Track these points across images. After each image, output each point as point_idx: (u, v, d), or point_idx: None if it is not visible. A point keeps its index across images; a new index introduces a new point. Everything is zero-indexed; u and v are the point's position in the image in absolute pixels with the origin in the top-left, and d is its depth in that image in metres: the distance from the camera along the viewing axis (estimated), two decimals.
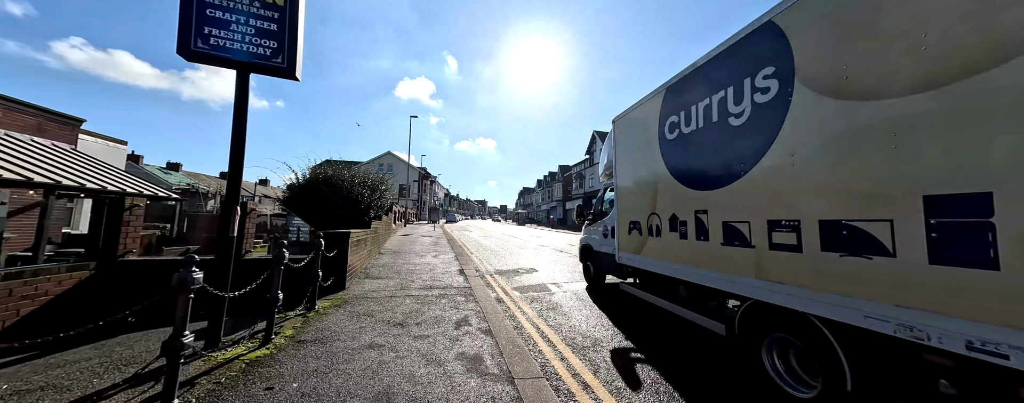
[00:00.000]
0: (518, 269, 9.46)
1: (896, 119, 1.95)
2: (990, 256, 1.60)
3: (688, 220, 3.76)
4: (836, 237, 2.26)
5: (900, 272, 1.93)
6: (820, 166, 2.37)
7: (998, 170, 1.58)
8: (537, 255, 12.71)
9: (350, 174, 11.30)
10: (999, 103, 1.58)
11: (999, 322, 1.58)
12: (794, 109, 2.58)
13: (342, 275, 6.08)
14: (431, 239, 17.61)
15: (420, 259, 10.39)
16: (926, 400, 2.02)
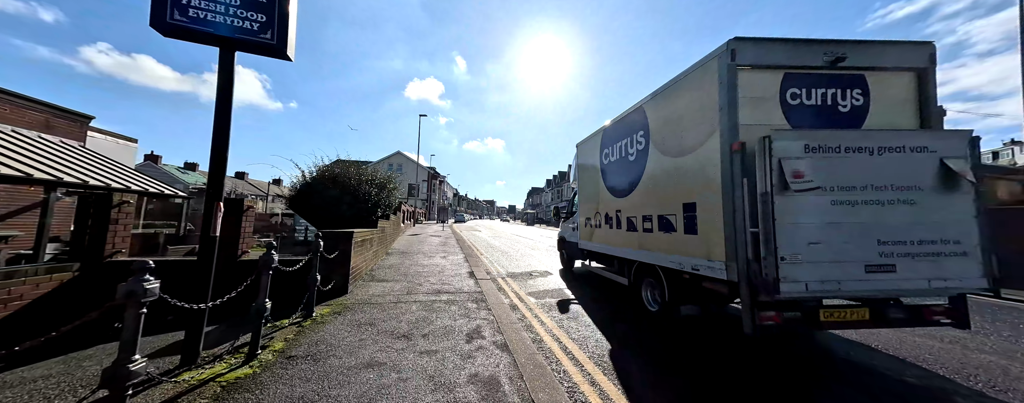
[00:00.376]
0: (531, 272, 8.92)
1: (676, 168, 4.31)
2: (695, 229, 3.94)
3: (613, 217, 6.09)
4: (662, 223, 4.63)
5: (678, 239, 4.26)
6: (657, 187, 4.78)
7: (696, 192, 3.92)
8: (550, 257, 12.14)
9: (357, 172, 10.93)
10: (693, 166, 3.99)
11: (699, 255, 3.86)
12: (650, 156, 4.96)
13: (344, 278, 5.63)
14: (440, 239, 17.18)
15: (428, 260, 9.93)
16: (692, 299, 4.28)
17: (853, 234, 3.12)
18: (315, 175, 10.65)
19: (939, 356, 3.80)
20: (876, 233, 3.12)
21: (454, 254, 11.44)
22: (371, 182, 11.04)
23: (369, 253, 7.90)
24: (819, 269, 3.04)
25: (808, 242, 3.05)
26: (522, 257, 11.96)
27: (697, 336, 4.24)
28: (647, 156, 4.97)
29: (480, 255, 12.03)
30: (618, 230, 5.81)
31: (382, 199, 11.42)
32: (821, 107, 3.63)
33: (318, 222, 10.11)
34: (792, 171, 3.04)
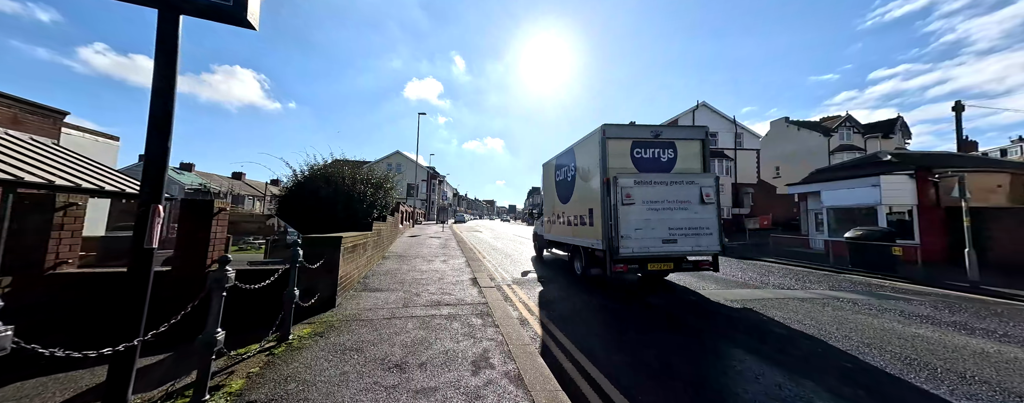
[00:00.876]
0: (537, 279, 8.22)
1: (586, 188, 7.90)
2: (593, 224, 7.33)
3: (561, 217, 9.37)
4: (581, 221, 8.03)
5: (587, 229, 7.66)
6: (579, 199, 8.21)
7: (592, 203, 7.42)
8: (555, 259, 11.45)
9: (352, 171, 10.25)
10: (591, 188, 7.53)
11: (595, 237, 7.16)
12: (576, 180, 8.44)
13: (331, 290, 4.93)
14: (440, 240, 16.49)
15: (427, 265, 9.23)
16: (595, 265, 7.31)
17: (657, 224, 6.40)
18: (307, 174, 9.97)
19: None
20: (668, 224, 6.42)
21: (455, 257, 10.75)
22: (367, 181, 10.35)
23: (362, 259, 7.21)
24: (640, 242, 6.32)
25: (634, 228, 6.33)
26: (526, 260, 11.25)
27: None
28: (575, 180, 8.54)
29: (482, 258, 11.33)
30: (563, 225, 9.37)
31: (378, 199, 10.73)
32: (651, 159, 7.08)
33: (310, 225, 9.44)
34: (625, 194, 6.36)
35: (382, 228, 10.49)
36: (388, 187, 11.78)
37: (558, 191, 9.64)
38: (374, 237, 8.83)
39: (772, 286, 7.63)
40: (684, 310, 5.55)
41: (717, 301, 6.14)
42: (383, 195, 11.14)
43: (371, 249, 8.41)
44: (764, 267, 10.80)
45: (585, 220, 7.67)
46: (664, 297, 6.42)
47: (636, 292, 6.85)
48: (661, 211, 6.42)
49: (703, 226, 6.47)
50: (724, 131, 32.52)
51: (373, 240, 8.73)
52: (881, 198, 13.23)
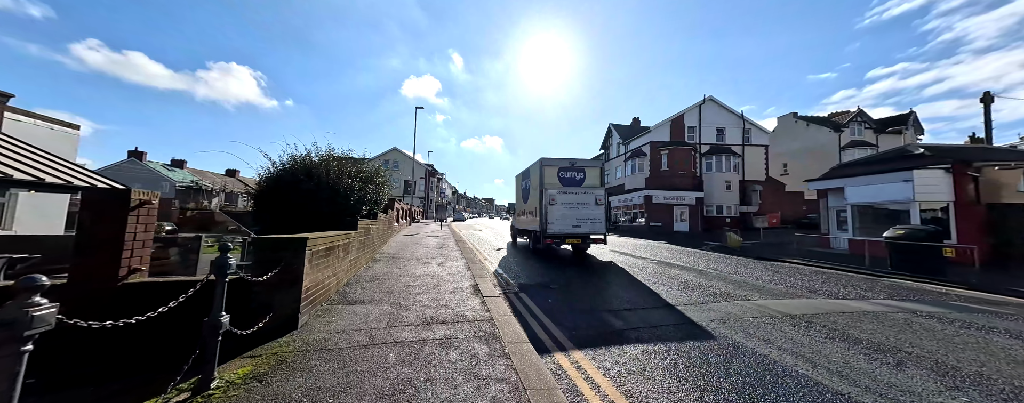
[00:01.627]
0: (549, 283, 7.14)
1: (535, 194, 12.01)
2: (537, 216, 11.55)
3: (524, 213, 14.16)
4: (533, 214, 12.24)
5: (537, 219, 11.55)
6: (532, 201, 12.57)
7: (537, 203, 11.50)
8: (566, 259, 10.37)
9: (338, 163, 9.15)
10: (536, 195, 11.79)
11: (539, 224, 11.30)
12: (530, 189, 13.01)
13: (293, 306, 3.83)
14: (437, 240, 15.40)
15: (422, 268, 8.14)
16: (540, 242, 11.12)
17: (569, 217, 10.96)
18: (286, 166, 8.86)
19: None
20: (576, 217, 11.00)
21: (453, 259, 9.66)
22: (355, 175, 9.26)
23: (342, 263, 6.11)
24: (558, 227, 10.82)
25: (556, 218, 10.86)
26: (535, 263, 10.16)
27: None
28: (530, 188, 12.61)
29: (483, 260, 10.25)
30: (524, 218, 13.98)
31: (368, 195, 9.62)
32: (569, 178, 11.25)
33: (289, 223, 8.32)
34: (551, 198, 10.94)
35: (372, 227, 9.40)
36: (380, 182, 10.67)
37: (521, 196, 14.70)
38: (360, 237, 7.73)
39: (823, 294, 6.58)
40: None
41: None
42: (374, 190, 10.03)
43: (356, 251, 7.32)
44: (793, 270, 9.76)
45: (535, 214, 12.02)
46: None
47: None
48: (572, 209, 11.14)
49: (597, 218, 11.30)
50: (731, 126, 31.50)
51: (359, 240, 7.64)
52: (914, 194, 12.20)
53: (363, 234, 8.03)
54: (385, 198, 11.67)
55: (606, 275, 8.29)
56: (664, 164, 30.92)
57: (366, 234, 8.45)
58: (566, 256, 11.65)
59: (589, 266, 9.60)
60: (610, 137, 41.98)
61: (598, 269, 9.11)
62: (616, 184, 38.28)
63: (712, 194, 30.20)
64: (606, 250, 13.53)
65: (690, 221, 29.50)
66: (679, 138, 31.47)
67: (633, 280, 7.68)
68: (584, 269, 9.06)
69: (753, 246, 15.91)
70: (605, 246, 13.86)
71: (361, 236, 7.74)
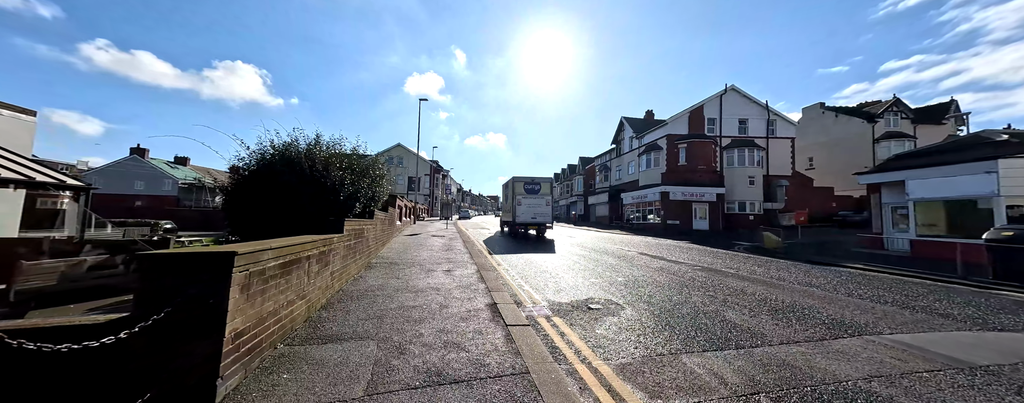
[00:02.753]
0: (589, 302, 5.58)
1: (511, 198, 18.67)
2: (510, 212, 18.46)
3: (507, 211, 19.96)
4: (508, 211, 19.56)
5: (511, 214, 18.35)
6: (508, 202, 19.95)
7: (511, 207, 18.50)
8: (596, 266, 8.80)
9: (325, 154, 7.70)
10: (510, 201, 19.04)
11: (511, 217, 18.61)
12: (510, 196, 19.45)
13: (204, 369, 2.32)
14: (443, 240, 13.92)
15: (425, 279, 6.63)
16: (512, 229, 18.75)
17: (529, 213, 17.60)
18: (265, 157, 7.42)
19: None
20: (533, 212, 17.61)
21: (462, 265, 8.16)
22: (346, 168, 7.79)
23: (320, 278, 4.61)
24: (521, 219, 17.44)
25: (520, 214, 17.44)
26: (563, 270, 8.60)
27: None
28: (510, 195, 18.88)
29: (498, 266, 8.72)
30: (506, 213, 20.42)
31: (362, 190, 8.14)
32: (531, 190, 17.93)
33: (264, 225, 6.87)
34: (518, 201, 17.59)
35: (367, 227, 7.91)
36: (378, 175, 9.19)
37: (504, 199, 21.58)
38: (348, 241, 6.24)
39: (965, 320, 4.94)
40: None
41: None
42: (370, 185, 8.56)
43: (342, 259, 5.82)
44: (871, 280, 8.10)
45: (510, 211, 18.30)
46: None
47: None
48: (531, 207, 17.40)
49: (546, 214, 17.60)
50: (755, 118, 29.57)
51: (347, 245, 6.15)
52: (998, 187, 10.43)
53: (353, 237, 6.54)
54: (384, 194, 10.21)
55: (669, 289, 6.72)
56: (682, 158, 29.12)
57: (358, 237, 6.96)
58: (589, 266, 10.15)
59: (646, 278, 8.05)
60: (622, 131, 40.17)
61: (654, 278, 7.55)
62: (628, 180, 36.51)
63: (734, 190, 28.37)
64: (633, 250, 11.94)
65: (710, 219, 27.72)
66: (698, 130, 29.62)
67: (702, 299, 6.10)
68: (647, 282, 7.52)
69: (793, 247, 14.22)
70: (636, 248, 13.26)
71: (350, 240, 6.25)
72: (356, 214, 8.24)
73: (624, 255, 11.17)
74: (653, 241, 17.27)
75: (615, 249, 12.98)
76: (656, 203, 29.74)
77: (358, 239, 6.98)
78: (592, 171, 49.59)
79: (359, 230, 7.32)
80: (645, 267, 8.93)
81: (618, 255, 11.18)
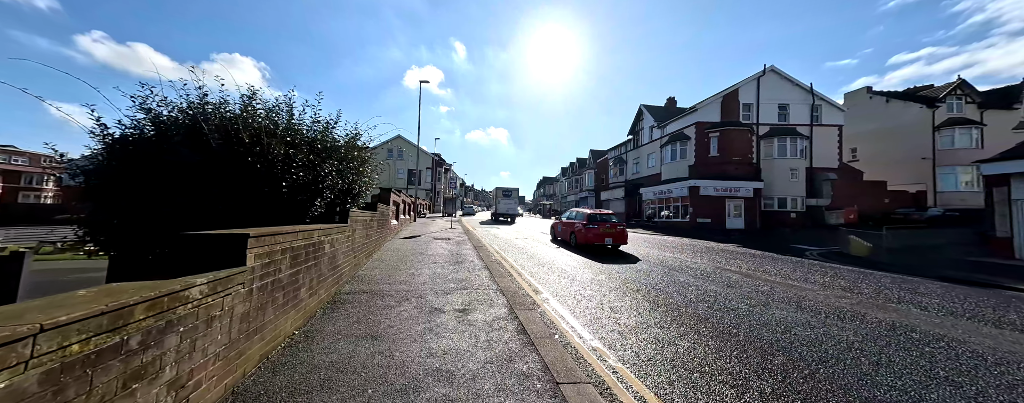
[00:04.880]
0: None
1: (499, 199, 37.42)
2: (495, 207, 40.89)
3: (495, 206, 43.62)
4: (494, 206, 47.23)
5: (495, 209, 42.54)
6: (497, 201, 40.62)
7: (495, 202, 50.78)
8: (685, 291, 5.83)
9: (274, 123, 4.75)
10: (498, 200, 39.43)
11: (493, 210, 43.86)
12: (497, 198, 45.28)
13: None
14: (449, 247, 11.03)
15: (426, 339, 3.67)
16: (496, 216, 34.77)
17: (504, 207, 33.27)
18: (165, 119, 4.47)
19: None
20: (506, 207, 33.06)
21: (477, 286, 5.22)
22: (308, 146, 4.88)
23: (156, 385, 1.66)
24: (499, 210, 34.58)
25: (499, 208, 35.32)
26: (638, 300, 5.62)
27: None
28: (496, 198, 44.11)
29: (536, 293, 5.77)
30: (493, 208, 55.18)
31: (326, 178, 5.22)
32: (508, 194, 35.31)
33: (152, 230, 3.96)
34: (499, 201, 37.18)
35: (328, 239, 4.96)
36: (354, 157, 6.26)
37: (493, 199, 52.20)
38: (273, 273, 3.30)
39: None
40: None
41: None
42: (338, 173, 5.63)
43: (252, 316, 2.90)
44: None
45: (494, 206, 40.34)
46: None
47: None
48: (506, 205, 33.30)
49: (516, 209, 33.83)
50: (797, 103, 26.36)
51: (270, 282, 3.22)
52: None
53: (288, 262, 3.58)
54: (370, 187, 7.30)
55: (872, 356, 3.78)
56: (714, 149, 26.01)
57: (309, 257, 4.00)
58: None
59: (795, 322, 5.10)
60: (640, 120, 37.00)
61: (822, 330, 4.61)
62: (648, 173, 33.47)
63: (773, 184, 25.31)
64: (687, 257, 8.96)
65: (746, 217, 24.70)
66: (732, 117, 26.47)
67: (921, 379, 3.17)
68: (816, 340, 4.58)
69: (886, 253, 11.23)
70: (685, 253, 10.80)
71: (276, 269, 3.28)
72: (317, 216, 5.30)
73: (689, 267, 8.24)
74: (688, 243, 14.33)
75: (673, 260, 10.00)
76: (683, 199, 26.73)
77: (310, 260, 4.04)
78: (605, 165, 46.46)
79: (330, 239, 4.38)
80: (752, 290, 5.96)
81: (684, 269, 8.23)
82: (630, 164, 38.66)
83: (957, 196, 24.07)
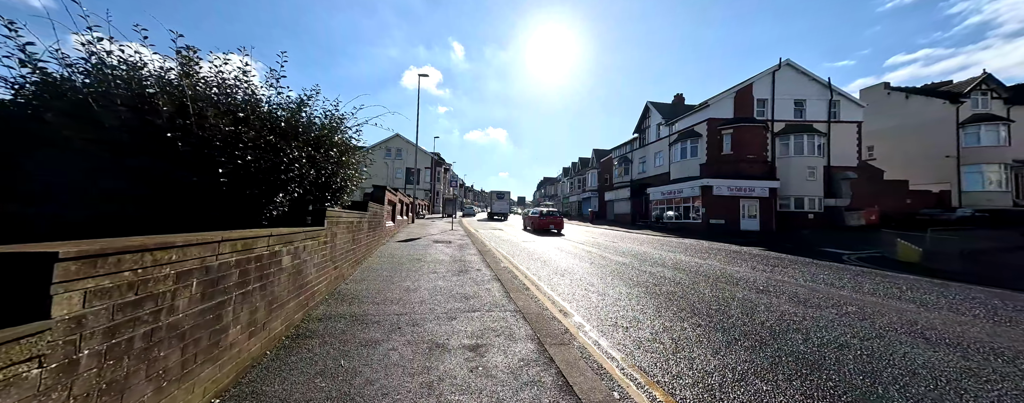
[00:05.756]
0: None
1: (495, 200, 47.08)
2: (491, 207, 53.42)
3: (491, 206, 49.51)
4: (490, 206, 57.27)
5: (491, 209, 46.00)
6: (494, 202, 47.66)
7: (491, 204, 60.97)
8: (788, 324, 4.53)
9: (226, 95, 3.37)
10: (493, 201, 55.05)
11: (488, 210, 53.33)
12: (491, 199, 66.52)
13: None
14: (450, 249, 9.74)
15: (420, 374, 2.40)
16: (491, 215, 40.86)
17: (498, 207, 40.34)
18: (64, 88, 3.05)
19: None
20: (500, 208, 40.28)
21: (494, 308, 3.93)
22: (265, 120, 3.55)
23: None
24: (494, 209, 41.16)
25: (494, 208, 41.63)
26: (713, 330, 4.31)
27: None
28: (492, 199, 57.04)
29: (565, 315, 4.50)
30: (489, 208, 50.10)
31: (292, 164, 3.90)
32: (501, 197, 44.95)
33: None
34: (493, 202, 47.90)
35: (302, 245, 3.67)
36: (334, 139, 4.98)
37: (490, 201, 61.37)
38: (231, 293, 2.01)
39: None
40: None
41: None
42: (308, 162, 4.34)
43: (155, 369, 1.61)
44: None
45: (491, 206, 42.27)
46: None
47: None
48: (499, 205, 40.42)
49: (508, 208, 41.02)
50: (814, 98, 25.17)
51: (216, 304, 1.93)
52: None
53: (144, 311, 2.28)
54: (358, 181, 6.05)
55: None
56: (727, 146, 24.81)
57: (241, 279, 2.70)
58: None
59: None
60: (647, 118, 35.80)
61: None
62: (656, 173, 32.23)
63: (789, 184, 24.10)
64: (725, 265, 7.69)
65: (761, 217, 23.47)
66: (746, 114, 25.26)
67: None
68: None
69: (935, 258, 9.99)
70: (720, 260, 8.89)
71: (125, 325, 1.98)
72: (277, 216, 4.01)
73: (736, 277, 6.97)
74: (706, 246, 13.08)
75: (709, 268, 8.74)
76: (694, 199, 25.51)
77: (252, 282, 2.74)
78: (609, 164, 45.21)
79: (241, 264, 3.06)
80: (837, 313, 4.69)
81: (733, 279, 6.95)
82: (636, 163, 37.43)
83: (983, 196, 22.91)
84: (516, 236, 16.88)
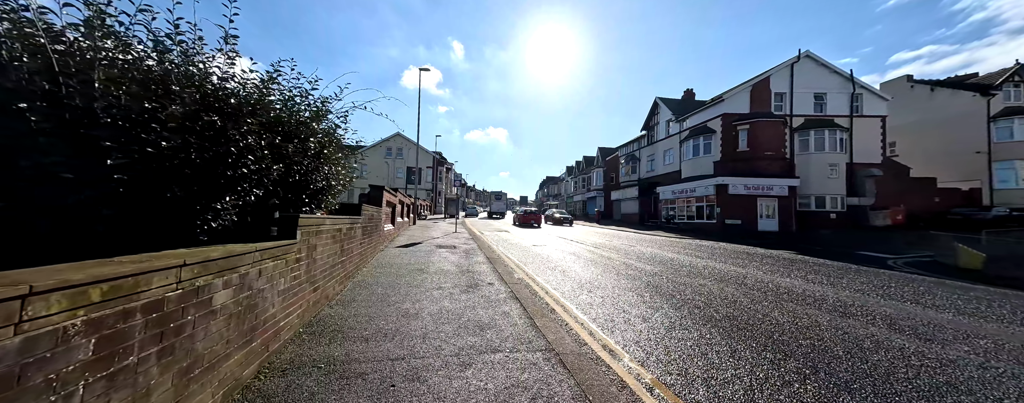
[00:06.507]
0: None
1: (493, 202, 55.14)
2: (491, 207, 51.27)
3: (490, 205, 58.49)
4: (489, 205, 67.77)
5: (490, 208, 52.47)
6: (492, 203, 58.16)
7: (490, 204, 68.48)
8: None
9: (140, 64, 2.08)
10: (491, 202, 64.27)
11: (488, 210, 65.79)
12: (491, 200, 75.36)
13: None
14: (455, 256, 8.64)
15: None
16: (491, 215, 46.69)
17: (495, 207, 45.89)
18: None
19: None
20: (497, 208, 45.82)
21: (519, 344, 2.82)
22: (204, 93, 2.31)
23: None
24: (492, 209, 47.32)
25: (491, 208, 47.63)
26: None
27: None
28: (491, 200, 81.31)
29: (615, 358, 3.39)
30: (489, 208, 56.67)
31: (244, 154, 2.73)
32: (498, 198, 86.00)
33: None
34: (492, 202, 55.11)
35: (258, 269, 2.56)
36: (315, 129, 3.86)
37: (490, 202, 70.90)
38: None
39: None
40: None
41: None
42: (270, 151, 3.22)
43: None
44: None
45: (490, 206, 47.95)
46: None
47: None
48: (496, 205, 45.65)
49: (504, 209, 46.41)
50: (835, 91, 23.96)
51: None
52: None
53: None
54: (346, 179, 4.96)
55: None
56: (743, 143, 23.66)
57: (126, 346, 1.60)
58: None
59: None
60: (656, 115, 34.63)
61: None
62: (666, 171, 31.08)
63: (809, 182, 22.92)
64: (771, 276, 6.56)
65: (780, 217, 22.30)
66: (763, 108, 24.10)
67: None
68: None
69: (1003, 265, 8.84)
70: (765, 270, 7.66)
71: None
72: (221, 230, 2.90)
73: (789, 290, 5.86)
74: (730, 248, 11.93)
75: (740, 275, 7.60)
76: (707, 198, 24.34)
77: (127, 354, 1.65)
78: (615, 162, 44.00)
79: (112, 327, 1.93)
80: (967, 352, 3.58)
81: (792, 294, 5.84)
82: (644, 161, 36.26)
83: (1017, 193, 21.66)
84: (523, 239, 15.75)
